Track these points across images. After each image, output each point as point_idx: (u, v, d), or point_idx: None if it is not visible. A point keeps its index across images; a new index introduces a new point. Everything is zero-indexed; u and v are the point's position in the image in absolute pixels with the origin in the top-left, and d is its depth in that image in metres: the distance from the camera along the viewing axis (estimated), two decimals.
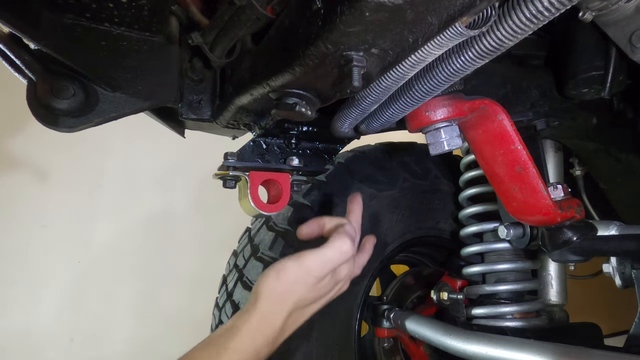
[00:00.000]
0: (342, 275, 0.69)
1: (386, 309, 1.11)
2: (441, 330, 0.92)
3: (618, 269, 0.79)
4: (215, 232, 2.05)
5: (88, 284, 1.88)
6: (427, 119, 0.67)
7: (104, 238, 1.93)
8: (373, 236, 0.82)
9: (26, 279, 1.79)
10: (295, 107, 0.54)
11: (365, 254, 0.79)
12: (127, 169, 1.99)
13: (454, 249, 1.16)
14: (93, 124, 0.60)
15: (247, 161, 0.78)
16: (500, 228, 0.89)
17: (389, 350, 1.17)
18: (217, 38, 0.60)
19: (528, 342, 0.79)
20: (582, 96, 0.85)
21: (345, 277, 0.70)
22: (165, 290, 2.00)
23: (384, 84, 0.55)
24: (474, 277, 1.01)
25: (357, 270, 0.77)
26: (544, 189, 0.70)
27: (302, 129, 0.83)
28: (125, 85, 0.60)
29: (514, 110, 0.84)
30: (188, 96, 0.74)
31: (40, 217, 1.83)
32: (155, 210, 2.03)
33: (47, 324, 1.80)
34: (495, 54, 0.49)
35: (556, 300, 1.03)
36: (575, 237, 0.74)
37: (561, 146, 1.05)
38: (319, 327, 0.97)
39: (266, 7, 0.52)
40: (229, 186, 0.76)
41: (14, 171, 1.80)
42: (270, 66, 0.54)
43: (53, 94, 0.55)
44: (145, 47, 0.60)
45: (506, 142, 0.70)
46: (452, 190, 1.19)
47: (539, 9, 0.42)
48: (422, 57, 0.48)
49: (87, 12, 0.54)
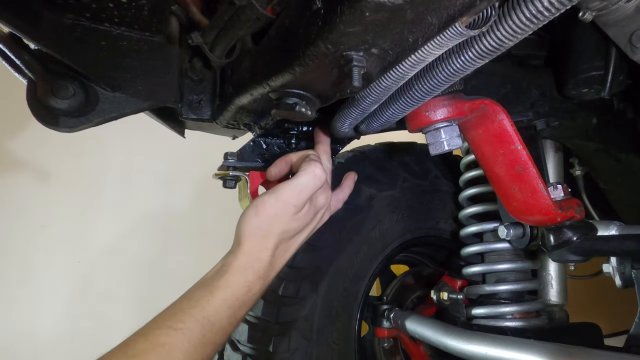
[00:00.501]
0: (321, 202, 0.69)
1: (386, 309, 1.11)
2: (441, 330, 0.92)
3: (618, 269, 0.79)
4: (215, 232, 2.04)
5: (88, 284, 1.88)
6: (427, 119, 0.67)
7: (104, 238, 1.93)
8: (354, 172, 0.84)
9: (26, 279, 1.79)
10: (295, 107, 0.55)
11: (347, 188, 0.81)
12: (127, 169, 1.99)
13: (454, 249, 1.16)
14: (93, 124, 0.60)
15: (247, 161, 0.78)
16: (500, 228, 0.89)
17: (389, 350, 1.17)
18: (217, 38, 0.60)
19: (528, 342, 0.79)
20: (582, 96, 0.85)
21: (324, 204, 0.70)
22: (165, 290, 2.00)
23: (384, 84, 0.55)
24: (474, 277, 1.01)
25: (338, 204, 0.78)
26: (544, 189, 0.70)
27: (302, 129, 0.83)
28: (125, 85, 0.60)
29: (514, 110, 0.84)
30: (188, 96, 0.74)
31: (40, 217, 1.83)
32: (155, 210, 2.03)
33: (47, 324, 1.80)
34: (495, 54, 0.49)
35: (556, 300, 1.03)
36: (575, 237, 0.74)
37: (561, 146, 1.05)
38: (319, 327, 0.97)
39: (266, 7, 0.52)
40: (229, 186, 0.76)
41: (14, 171, 1.80)
42: (270, 66, 0.54)
43: (53, 94, 0.56)
44: (145, 47, 0.60)
45: (506, 142, 0.70)
46: (452, 190, 1.19)
47: (539, 9, 0.42)
48: (422, 57, 0.48)
49: (87, 12, 0.54)
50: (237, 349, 0.96)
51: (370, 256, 1.06)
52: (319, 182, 0.65)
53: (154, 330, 0.53)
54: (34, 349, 1.77)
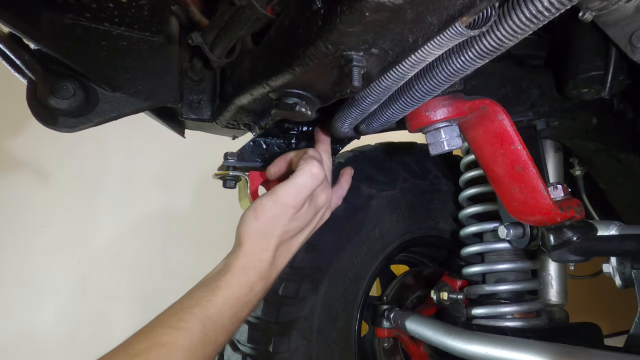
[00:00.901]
0: (321, 201, 0.69)
1: (386, 309, 1.11)
2: (441, 330, 0.92)
3: (618, 269, 0.79)
4: (215, 232, 2.04)
5: (88, 284, 1.88)
6: (427, 119, 0.67)
7: (104, 238, 1.93)
8: (350, 167, 0.84)
9: (26, 279, 1.79)
10: (295, 107, 0.55)
11: (345, 184, 0.81)
12: (127, 169, 1.99)
13: (454, 249, 1.16)
14: (93, 124, 0.60)
15: (247, 161, 0.78)
16: (500, 228, 0.89)
17: (389, 350, 1.17)
18: (217, 38, 0.60)
19: (528, 342, 0.79)
20: (582, 96, 0.85)
21: (324, 203, 0.70)
22: (165, 290, 1.99)
23: (384, 84, 0.55)
24: (474, 277, 1.01)
25: (338, 200, 0.78)
26: (544, 189, 0.70)
27: (302, 129, 0.83)
28: (125, 85, 0.60)
29: (514, 110, 0.84)
30: (188, 96, 0.74)
31: (40, 217, 1.83)
32: (155, 210, 2.03)
33: (47, 324, 1.80)
34: (495, 54, 0.49)
35: (556, 300, 1.03)
36: (575, 237, 0.74)
37: (561, 146, 1.05)
38: (319, 327, 0.97)
39: (266, 7, 0.52)
40: (229, 186, 0.76)
41: (14, 171, 1.80)
42: (270, 66, 0.54)
43: (53, 94, 0.56)
44: (145, 47, 0.60)
45: (506, 142, 0.70)
46: (452, 190, 1.19)
47: (539, 9, 0.42)
48: (422, 57, 0.48)
49: (87, 12, 0.54)
50: (237, 349, 0.96)
51: (370, 256, 1.06)
52: (316, 180, 0.64)
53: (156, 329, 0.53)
54: (34, 349, 1.77)
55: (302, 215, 0.65)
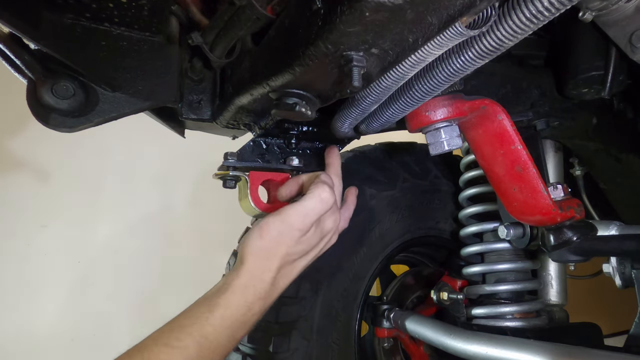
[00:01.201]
0: (328, 226, 0.69)
1: (386, 309, 1.11)
2: (441, 330, 0.92)
3: (618, 269, 0.79)
4: (215, 232, 2.04)
5: (88, 284, 1.88)
6: (427, 119, 0.67)
7: (104, 238, 1.93)
8: (354, 187, 0.83)
9: (26, 279, 1.79)
10: (295, 107, 0.54)
11: (351, 205, 0.80)
12: (127, 169, 1.99)
13: (454, 249, 1.16)
14: (93, 124, 0.60)
15: (247, 161, 0.78)
16: (500, 228, 0.89)
17: (389, 350, 1.17)
18: (217, 38, 0.60)
19: (528, 342, 0.79)
20: (582, 96, 0.85)
21: (331, 228, 0.69)
22: (165, 290, 2.00)
23: (384, 84, 0.55)
24: (474, 277, 1.01)
25: (344, 223, 0.77)
26: (544, 189, 0.70)
27: (302, 129, 0.83)
28: (125, 85, 0.60)
29: (514, 110, 0.84)
30: (188, 96, 0.74)
31: (40, 217, 1.83)
32: (155, 210, 2.03)
33: (47, 324, 1.80)
34: (495, 54, 0.49)
35: (556, 300, 1.03)
36: (575, 237, 0.74)
37: (561, 146, 1.05)
38: (319, 327, 0.97)
39: (266, 7, 0.52)
40: (229, 186, 0.76)
41: (14, 171, 1.80)
42: (270, 66, 0.54)
43: (53, 94, 0.55)
44: (145, 47, 0.60)
45: (506, 142, 0.70)
46: (452, 190, 1.19)
47: (539, 9, 0.42)
48: (422, 57, 0.48)
49: (87, 12, 0.54)
50: (237, 349, 0.96)
51: (370, 256, 1.06)
52: (325, 205, 0.64)
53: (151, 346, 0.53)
54: (34, 348, 1.77)
55: (307, 239, 0.65)
